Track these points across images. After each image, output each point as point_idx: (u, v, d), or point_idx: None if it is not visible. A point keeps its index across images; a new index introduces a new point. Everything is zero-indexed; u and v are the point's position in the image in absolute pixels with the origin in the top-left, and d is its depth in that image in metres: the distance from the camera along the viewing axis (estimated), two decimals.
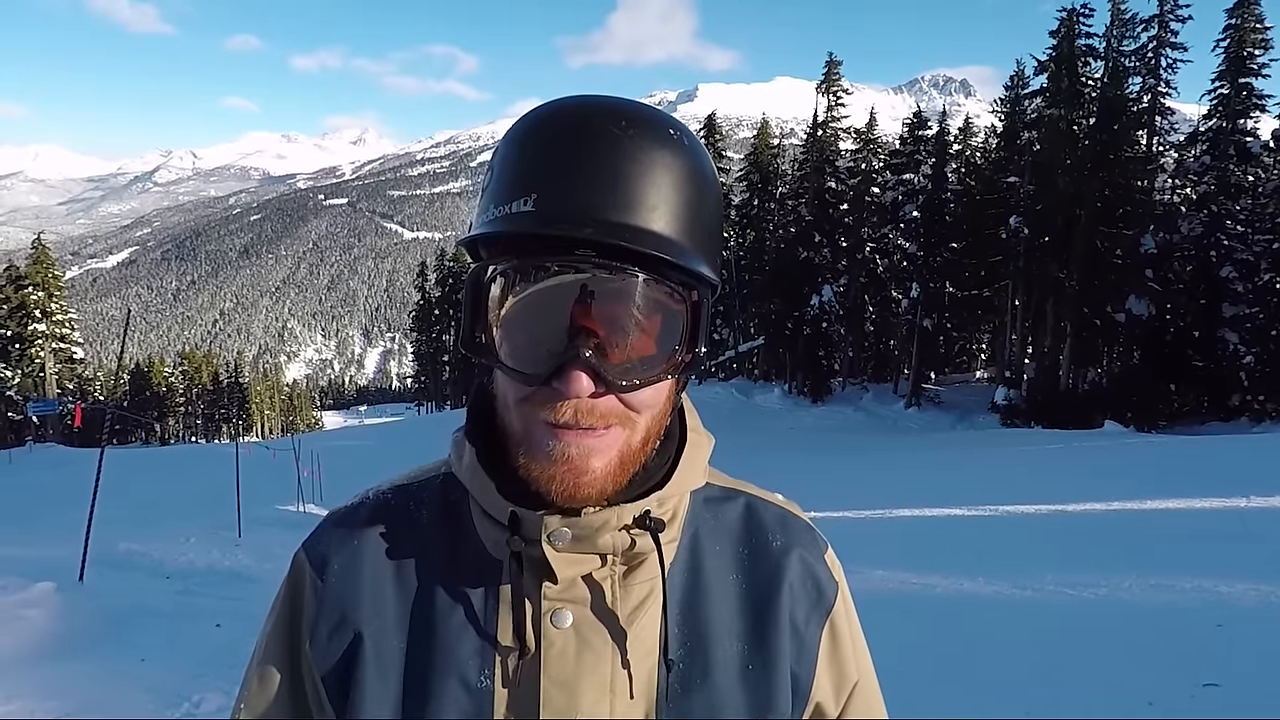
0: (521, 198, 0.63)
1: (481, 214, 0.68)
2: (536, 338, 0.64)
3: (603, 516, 0.68)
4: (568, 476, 0.65)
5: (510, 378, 0.66)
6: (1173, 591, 5.87)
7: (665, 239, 0.64)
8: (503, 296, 0.65)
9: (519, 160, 0.66)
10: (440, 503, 0.77)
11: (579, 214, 0.62)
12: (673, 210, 0.65)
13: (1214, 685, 4.13)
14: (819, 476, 15.60)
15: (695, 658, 0.72)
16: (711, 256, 0.69)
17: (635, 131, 0.65)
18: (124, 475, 16.78)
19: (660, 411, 0.70)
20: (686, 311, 0.66)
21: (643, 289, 0.63)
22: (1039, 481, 12.80)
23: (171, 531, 10.12)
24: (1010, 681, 4.40)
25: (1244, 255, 26.92)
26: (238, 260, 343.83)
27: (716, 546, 0.77)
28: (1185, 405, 27.20)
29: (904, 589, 6.38)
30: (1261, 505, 8.90)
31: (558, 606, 0.70)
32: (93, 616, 5.61)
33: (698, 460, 0.75)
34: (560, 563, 0.68)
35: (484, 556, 0.72)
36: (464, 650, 0.70)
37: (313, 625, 0.74)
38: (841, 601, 0.79)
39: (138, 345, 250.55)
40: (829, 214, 35.87)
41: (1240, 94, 28.44)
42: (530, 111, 0.69)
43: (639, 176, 0.64)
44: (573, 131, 0.65)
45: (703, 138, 10.41)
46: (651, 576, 0.72)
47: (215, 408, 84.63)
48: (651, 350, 0.65)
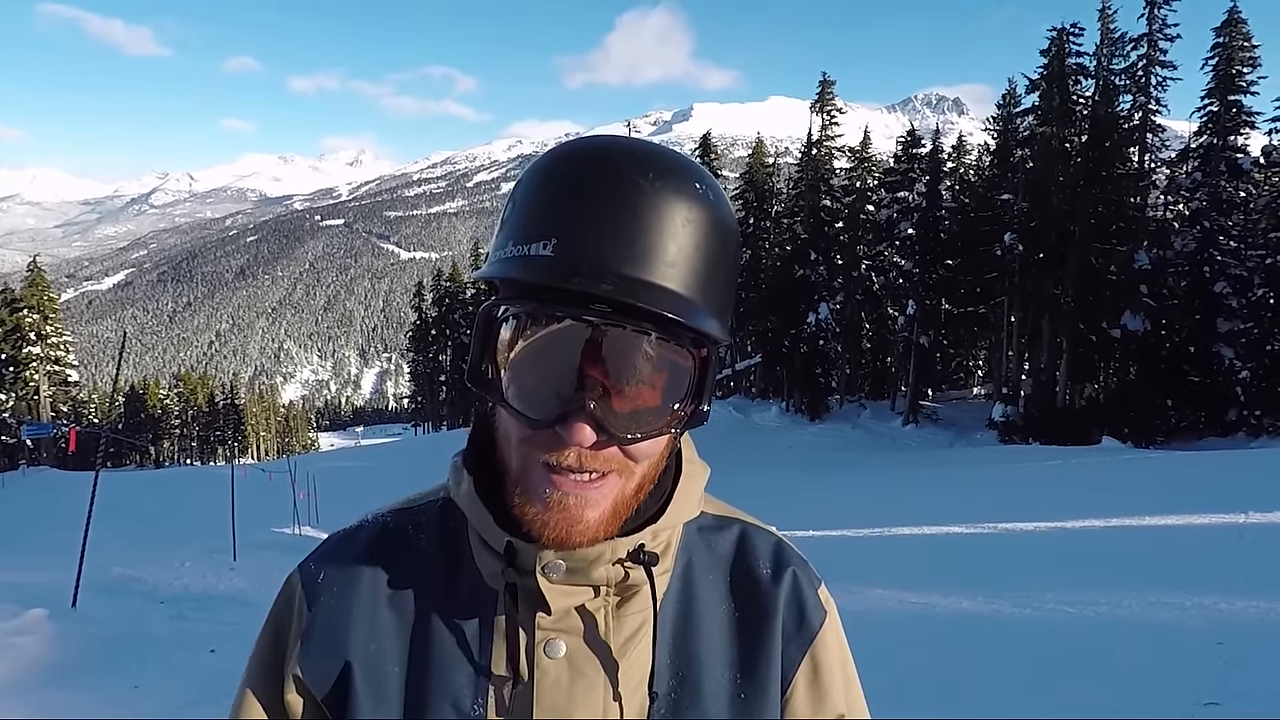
0: (541, 240, 0.63)
1: (499, 248, 0.67)
2: (544, 381, 0.64)
3: (597, 550, 0.68)
4: (561, 524, 0.65)
5: (514, 418, 0.66)
6: (1173, 609, 5.85)
7: (680, 299, 0.63)
8: (513, 337, 0.64)
9: (541, 199, 0.66)
10: (439, 529, 0.77)
11: (597, 265, 0.61)
12: (691, 267, 0.64)
13: (1215, 704, 4.11)
14: (817, 495, 15.56)
15: (686, 686, 0.73)
16: (724, 314, 0.69)
17: (661, 184, 0.64)
18: (118, 499, 16.67)
19: (658, 459, 0.70)
20: (694, 368, 0.65)
21: (653, 344, 0.63)
22: (1037, 498, 12.76)
23: (166, 556, 10.05)
24: (1011, 701, 4.36)
25: (1238, 270, 27.07)
26: (234, 281, 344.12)
27: (710, 576, 0.78)
28: (1182, 420, 27.23)
29: (903, 608, 6.35)
30: (1260, 521, 8.87)
31: (551, 637, 0.70)
32: (86, 643, 5.55)
33: (693, 492, 0.76)
34: (554, 594, 0.69)
35: (480, 586, 0.73)
36: (458, 679, 0.71)
37: (302, 650, 0.74)
38: (829, 632, 0.79)
39: (133, 367, 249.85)
40: (824, 232, 36.06)
41: (1230, 111, 28.73)
42: (558, 147, 0.69)
43: (660, 230, 0.63)
44: (597, 176, 0.64)
45: (698, 157, 10.44)
46: (645, 608, 0.72)
47: (211, 430, 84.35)
48: (656, 403, 0.65)
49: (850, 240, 35.92)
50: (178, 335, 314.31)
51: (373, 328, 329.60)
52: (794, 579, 0.79)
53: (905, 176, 34.64)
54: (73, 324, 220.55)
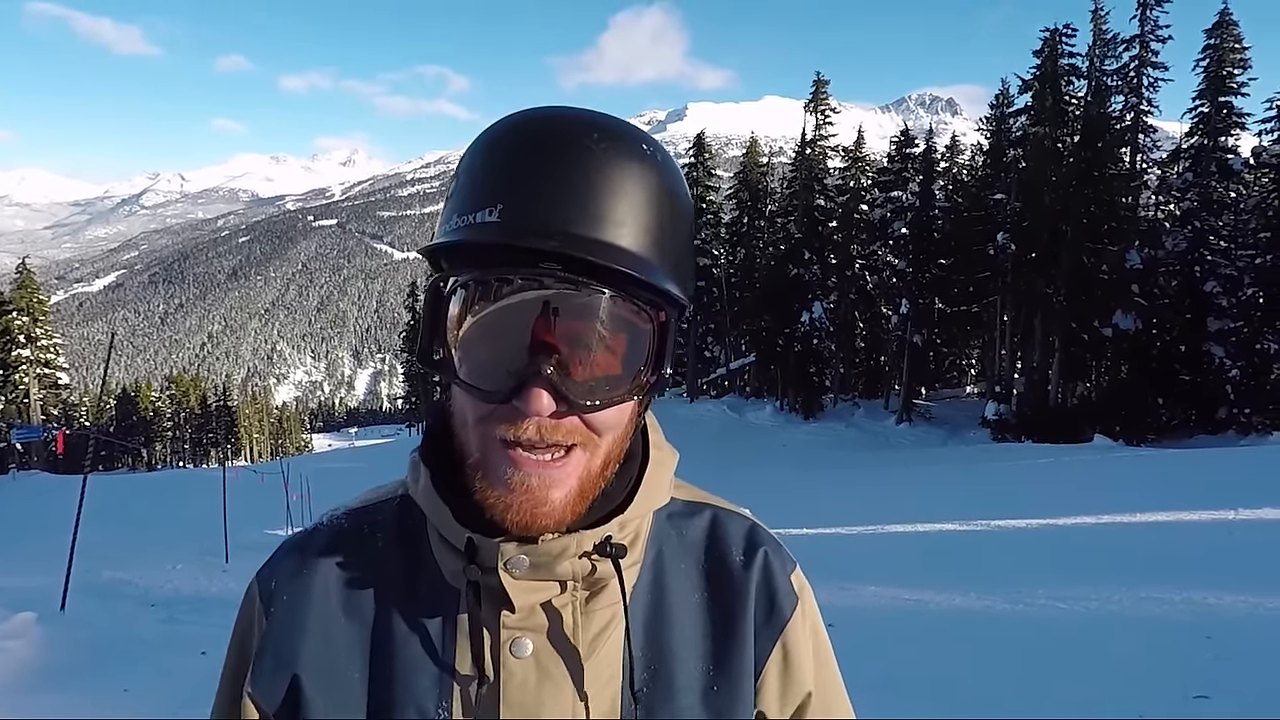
0: (487, 207, 0.61)
1: (444, 222, 0.65)
2: (497, 354, 0.62)
3: (561, 543, 0.65)
4: (525, 506, 0.63)
5: (469, 394, 0.63)
6: (1162, 604, 5.87)
7: (633, 255, 0.61)
8: (463, 310, 0.62)
9: (485, 169, 0.64)
10: (396, 528, 0.74)
11: (545, 226, 0.60)
12: (642, 226, 0.63)
13: (1204, 697, 4.13)
14: (811, 493, 15.58)
15: (658, 681, 0.70)
16: (681, 276, 0.67)
17: (607, 145, 0.63)
18: (109, 502, 16.60)
19: (622, 433, 0.68)
20: (653, 331, 0.63)
21: (608, 306, 0.61)
22: (1030, 496, 12.81)
23: (157, 559, 10.01)
24: (1003, 696, 4.38)
25: (1228, 270, 27.23)
26: (226, 283, 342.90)
27: (681, 565, 0.75)
28: (1173, 419, 27.38)
29: (897, 604, 6.36)
30: (1249, 517, 8.92)
31: (517, 635, 0.67)
32: (74, 647, 5.52)
33: (661, 479, 0.73)
34: (518, 590, 0.66)
35: (441, 585, 0.70)
36: (422, 682, 0.68)
37: (257, 661, 0.71)
38: (801, 617, 0.77)
39: (124, 370, 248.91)
40: (818, 231, 36.12)
41: (1221, 112, 28.87)
42: (500, 120, 0.67)
43: (609, 191, 0.62)
44: (543, 141, 0.63)
45: (692, 156, 10.45)
46: (614, 602, 0.70)
47: (203, 432, 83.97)
48: (616, 370, 0.63)
49: (844, 239, 35.99)
50: (169, 337, 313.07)
51: (366, 328, 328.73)
52: (766, 565, 0.76)
53: (899, 176, 34.71)
54: (63, 326, 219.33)
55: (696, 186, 41.10)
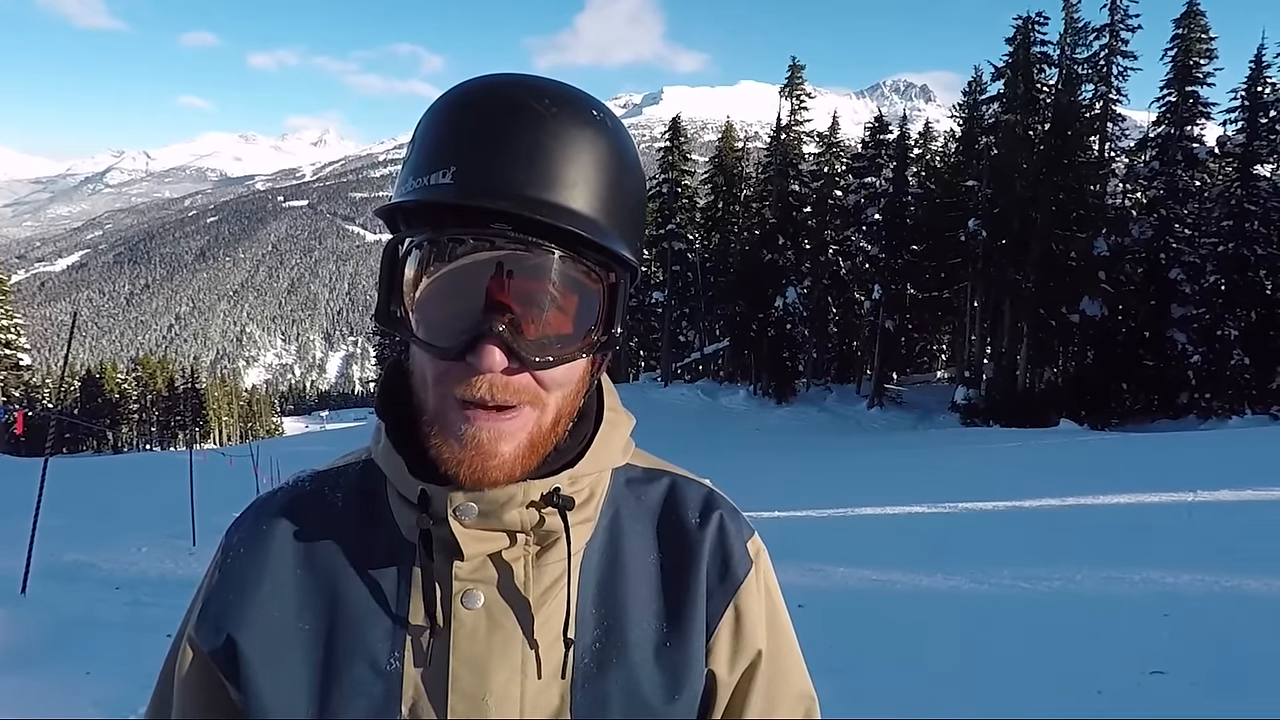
0: (441, 169, 0.63)
1: (400, 185, 0.67)
2: (452, 313, 0.64)
3: (508, 491, 0.67)
4: (476, 460, 0.65)
5: (425, 352, 0.65)
6: (1123, 583, 6.02)
7: (584, 217, 0.64)
8: (419, 271, 0.64)
9: (440, 133, 0.66)
10: (358, 488, 0.77)
11: (496, 187, 0.62)
12: (593, 189, 0.65)
13: (1160, 673, 4.24)
14: (784, 477, 15.72)
15: (611, 637, 0.72)
16: (631, 239, 0.69)
17: (558, 110, 0.65)
18: (74, 484, 16.29)
19: (573, 391, 0.70)
20: (604, 292, 0.66)
21: (559, 266, 0.63)
22: (997, 479, 13.04)
23: (122, 541, 9.84)
24: (965, 673, 4.47)
25: (1191, 258, 27.79)
26: (194, 263, 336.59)
27: (638, 526, 0.77)
28: (1136, 404, 28.00)
29: (864, 585, 6.45)
30: (1207, 499, 9.18)
31: (469, 587, 0.69)
32: (35, 629, 5.43)
33: (615, 439, 0.75)
34: (467, 539, 0.67)
35: (397, 539, 0.72)
36: (374, 633, 0.70)
37: (203, 608, 0.74)
38: (755, 580, 0.78)
39: (89, 351, 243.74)
40: (792, 216, 36.23)
41: (1187, 102, 29.35)
42: (455, 86, 0.69)
43: (559, 154, 0.64)
44: (495, 106, 0.65)
45: (668, 140, 10.46)
46: (564, 557, 0.71)
47: (171, 414, 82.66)
48: (568, 329, 0.65)
49: (818, 225, 36.16)
50: (135, 318, 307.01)
51: (338, 311, 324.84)
52: (720, 527, 0.78)
53: (873, 162, 34.89)
54: (24, 306, 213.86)
55: (672, 170, 40.97)
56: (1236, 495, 9.42)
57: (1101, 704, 3.96)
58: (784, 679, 0.79)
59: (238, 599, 0.72)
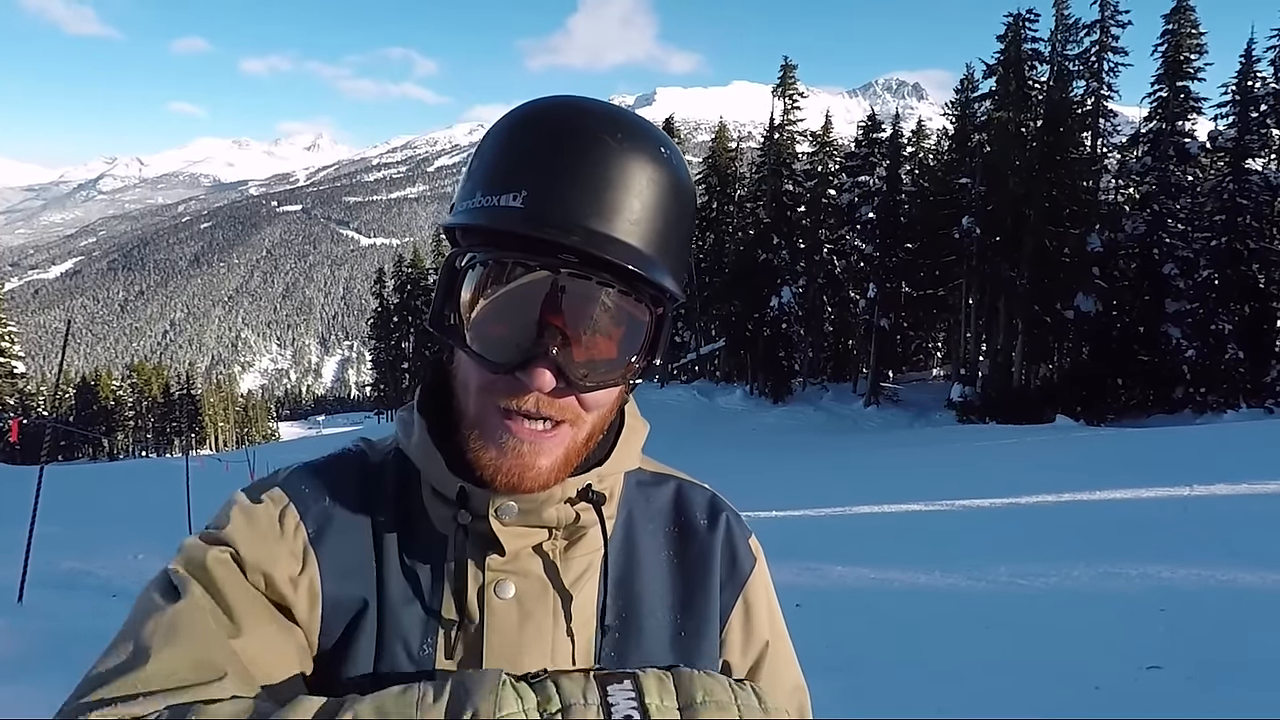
0: (511, 192, 0.65)
1: (466, 198, 0.69)
2: (506, 329, 0.66)
3: (548, 490, 0.70)
4: (515, 469, 0.68)
5: (477, 364, 0.67)
6: (1119, 579, 6.04)
7: (642, 254, 0.66)
8: (479, 285, 0.66)
9: (510, 153, 0.68)
10: (396, 475, 0.78)
11: (567, 219, 0.64)
12: (652, 226, 0.67)
13: (1157, 667, 4.26)
14: (780, 476, 15.74)
15: (630, 626, 0.77)
16: (680, 273, 0.72)
17: (629, 144, 0.67)
18: (70, 492, 16.24)
19: (608, 411, 0.74)
20: (651, 323, 0.69)
21: (613, 297, 0.66)
22: (993, 476, 13.07)
23: (119, 549, 9.79)
24: (963, 671, 4.48)
25: (1184, 252, 27.87)
26: (188, 269, 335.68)
27: (649, 525, 0.82)
28: (1131, 399, 28.07)
29: (862, 584, 6.46)
30: (1203, 494, 9.20)
31: (500, 578, 0.72)
32: (32, 639, 5.40)
33: (635, 443, 0.80)
34: (507, 536, 0.71)
35: (431, 533, 0.75)
36: (409, 619, 0.72)
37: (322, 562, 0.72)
38: (758, 576, 0.85)
39: (84, 358, 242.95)
40: (787, 216, 36.26)
41: (1178, 97, 29.45)
42: (527, 104, 0.71)
43: (625, 188, 0.66)
44: (568, 133, 0.67)
45: None
46: (590, 550, 0.76)
47: (166, 421, 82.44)
48: (613, 355, 0.68)
49: (812, 224, 36.19)
50: (130, 325, 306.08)
51: (333, 315, 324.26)
52: (728, 528, 0.84)
53: (866, 161, 34.95)
54: (18, 314, 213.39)
55: None
56: (1232, 489, 9.46)
57: (1099, 700, 3.97)
58: (782, 671, 0.85)
59: (353, 568, 0.72)
